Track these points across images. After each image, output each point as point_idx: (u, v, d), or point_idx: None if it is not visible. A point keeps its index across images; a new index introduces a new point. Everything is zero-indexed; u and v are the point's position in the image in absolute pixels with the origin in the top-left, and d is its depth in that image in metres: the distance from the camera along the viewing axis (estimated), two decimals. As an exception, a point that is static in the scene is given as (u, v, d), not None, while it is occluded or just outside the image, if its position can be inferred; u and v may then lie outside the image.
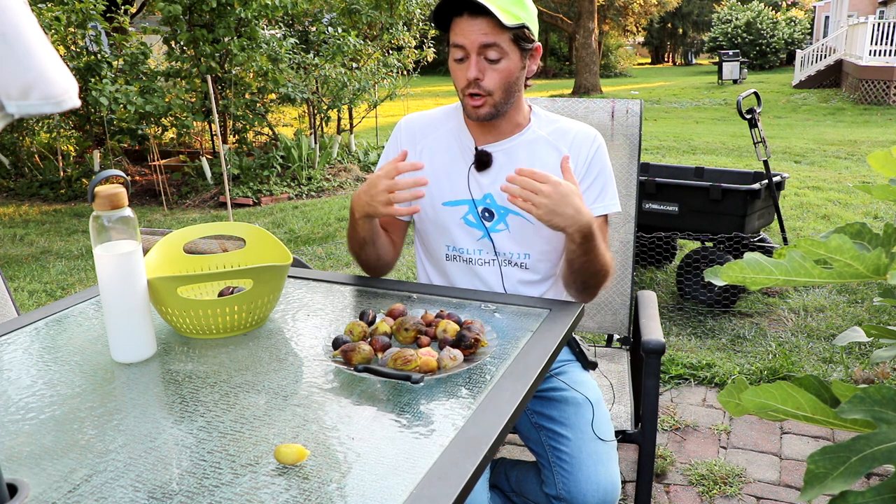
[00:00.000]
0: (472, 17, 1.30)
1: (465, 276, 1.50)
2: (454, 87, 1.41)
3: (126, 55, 7.16)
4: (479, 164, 1.44)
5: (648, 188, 3.61)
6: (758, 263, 0.81)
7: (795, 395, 0.78)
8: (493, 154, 1.44)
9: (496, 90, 1.35)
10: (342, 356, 1.07)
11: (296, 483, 0.81)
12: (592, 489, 1.33)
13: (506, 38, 1.32)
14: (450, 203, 1.46)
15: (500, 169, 1.44)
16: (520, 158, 1.44)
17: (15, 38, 0.59)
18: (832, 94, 15.84)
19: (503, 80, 1.35)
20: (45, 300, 3.95)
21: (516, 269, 1.47)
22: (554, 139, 1.46)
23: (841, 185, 6.43)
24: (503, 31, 1.31)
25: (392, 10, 8.16)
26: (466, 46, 1.32)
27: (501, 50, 1.32)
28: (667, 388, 2.73)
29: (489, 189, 1.44)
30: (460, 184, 1.46)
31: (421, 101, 13.36)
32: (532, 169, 1.25)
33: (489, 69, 1.34)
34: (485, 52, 1.32)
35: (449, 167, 1.47)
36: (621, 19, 31.58)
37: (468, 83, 1.35)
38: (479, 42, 1.31)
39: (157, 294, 1.17)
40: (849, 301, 3.59)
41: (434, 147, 1.50)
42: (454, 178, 1.46)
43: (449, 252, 1.50)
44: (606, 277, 1.40)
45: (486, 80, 1.34)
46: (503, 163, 1.44)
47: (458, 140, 1.48)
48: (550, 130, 1.47)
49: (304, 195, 6.87)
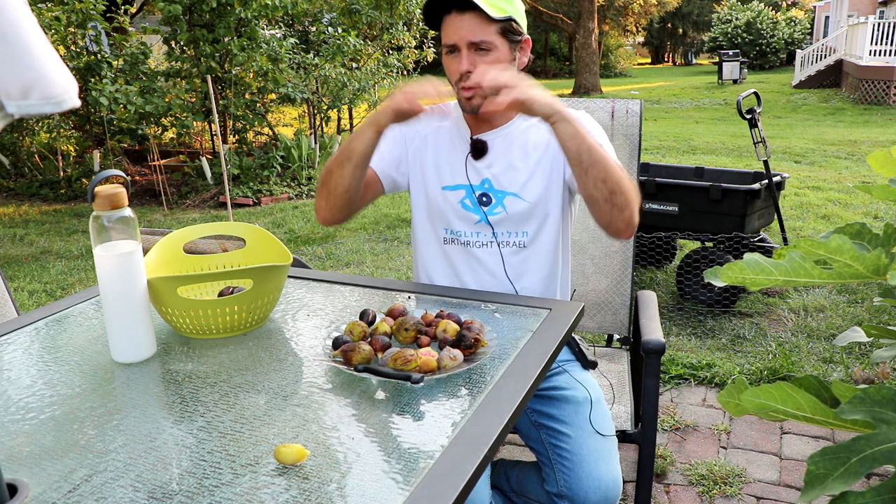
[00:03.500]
0: (461, 14, 1.36)
1: (462, 261, 1.52)
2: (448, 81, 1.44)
3: (126, 55, 7.16)
4: (475, 152, 1.49)
5: (648, 188, 3.61)
6: (758, 264, 0.81)
7: (795, 395, 0.78)
8: (489, 141, 1.49)
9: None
10: (342, 356, 1.07)
11: (296, 483, 0.81)
12: (594, 486, 1.33)
13: (493, 31, 1.37)
14: (449, 188, 1.51)
15: (495, 155, 1.49)
16: (514, 144, 1.49)
17: (15, 38, 0.59)
18: (832, 94, 15.84)
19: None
20: (45, 300, 3.95)
21: (514, 249, 1.50)
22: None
23: (841, 185, 6.43)
24: (491, 24, 1.36)
25: (392, 10, 8.17)
26: (457, 43, 1.37)
27: (490, 43, 1.37)
28: (667, 388, 2.73)
29: (486, 174, 1.49)
30: (459, 170, 1.51)
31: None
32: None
33: (479, 61, 1.38)
34: (474, 47, 1.37)
35: (449, 154, 1.53)
36: (621, 19, 31.58)
37: (460, 76, 1.40)
38: (467, 38, 1.36)
39: (157, 294, 1.17)
40: (849, 301, 3.59)
41: (435, 136, 1.55)
42: (453, 164, 1.52)
43: (447, 236, 1.53)
44: (627, 187, 1.31)
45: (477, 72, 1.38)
46: (499, 149, 1.49)
47: (457, 129, 1.54)
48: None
49: (304, 195, 6.87)
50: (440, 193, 1.52)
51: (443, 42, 1.41)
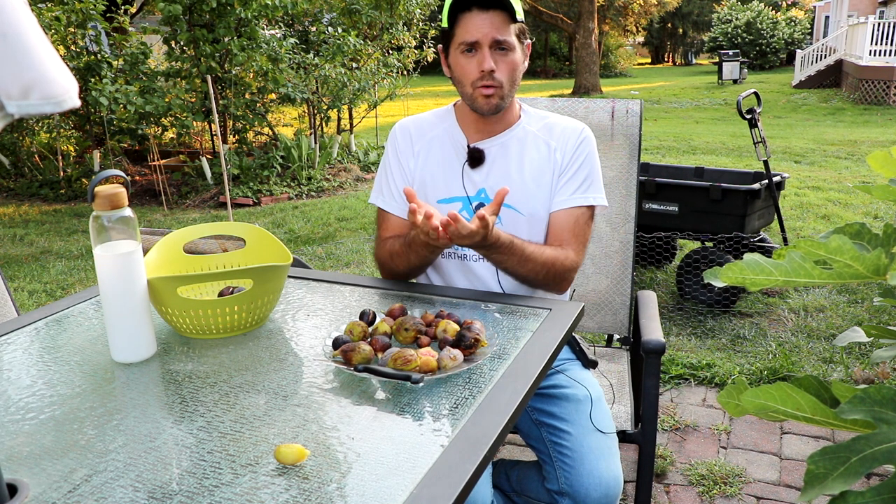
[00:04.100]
0: (484, 11, 1.34)
1: (459, 273, 1.52)
2: (458, 82, 1.43)
3: (126, 55, 7.16)
4: (471, 161, 1.47)
5: (648, 188, 3.61)
6: (757, 264, 0.81)
7: (795, 395, 0.78)
8: (486, 150, 1.48)
9: (506, 81, 1.40)
10: (342, 356, 1.07)
11: (296, 483, 0.81)
12: (595, 483, 1.33)
13: (513, 31, 1.37)
14: (444, 200, 1.49)
15: (492, 164, 1.48)
16: (511, 154, 1.48)
17: (15, 38, 0.59)
18: (832, 94, 15.84)
19: (512, 71, 1.40)
20: (45, 300, 3.95)
21: None
22: (543, 134, 1.50)
23: (841, 185, 6.43)
24: (511, 24, 1.36)
25: (392, 10, 8.16)
26: (479, 40, 1.35)
27: (510, 43, 1.37)
28: (667, 388, 2.73)
29: (482, 185, 1.48)
30: (455, 181, 1.49)
31: (421, 101, 13.36)
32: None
33: (500, 60, 1.38)
34: (496, 46, 1.36)
35: (444, 166, 1.50)
36: (621, 19, 31.57)
37: (482, 75, 1.37)
38: (492, 36, 1.35)
39: (157, 294, 1.17)
40: (849, 301, 3.59)
41: (429, 147, 1.52)
42: (449, 176, 1.49)
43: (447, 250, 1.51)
44: (558, 272, 1.42)
45: (498, 70, 1.38)
46: (495, 158, 1.48)
47: (452, 139, 1.51)
48: (540, 126, 1.51)
49: (304, 195, 6.87)
50: (436, 207, 1.48)
51: (458, 40, 1.38)
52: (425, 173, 1.50)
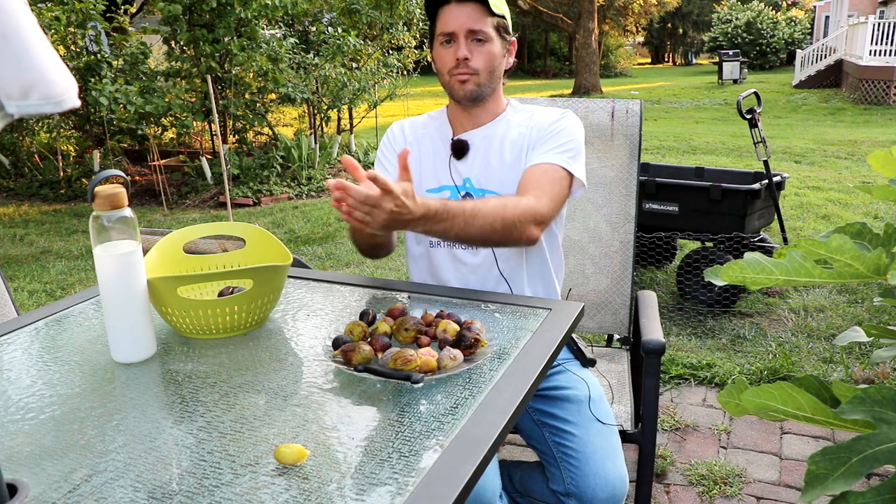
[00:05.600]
0: (460, 4, 1.41)
1: (448, 262, 1.53)
2: (439, 72, 1.48)
3: (126, 55, 7.16)
4: (455, 153, 1.52)
5: (648, 188, 3.61)
6: (758, 263, 0.81)
7: (795, 395, 0.78)
8: (470, 141, 1.52)
9: (482, 70, 1.44)
10: (342, 356, 1.07)
11: (296, 483, 0.81)
12: (601, 483, 1.33)
13: (490, 24, 1.42)
14: (433, 190, 1.53)
15: (475, 154, 1.52)
16: (493, 143, 1.51)
17: (15, 38, 0.59)
18: (832, 94, 15.83)
19: (488, 61, 1.44)
20: (45, 300, 3.95)
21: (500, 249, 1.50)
22: (524, 121, 1.53)
23: (841, 185, 6.43)
24: (488, 17, 1.42)
25: (392, 10, 8.16)
26: (456, 31, 1.42)
27: (487, 34, 1.42)
28: (667, 388, 2.73)
29: (467, 174, 1.51)
30: (443, 172, 1.53)
31: (421, 101, 13.35)
32: (351, 179, 1.18)
33: (476, 50, 1.43)
34: (472, 36, 1.42)
35: (432, 158, 1.55)
36: (621, 19, 31.58)
37: (456, 63, 1.43)
38: (467, 27, 1.41)
39: (157, 294, 1.17)
40: (849, 301, 3.59)
41: (420, 142, 1.58)
42: (437, 167, 1.54)
43: (432, 239, 1.53)
44: (515, 217, 1.32)
45: (474, 59, 1.43)
46: (479, 148, 1.52)
47: (441, 133, 1.57)
48: (524, 118, 1.54)
49: (304, 195, 6.87)
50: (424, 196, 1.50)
51: (438, 32, 1.45)
52: (415, 166, 1.54)
